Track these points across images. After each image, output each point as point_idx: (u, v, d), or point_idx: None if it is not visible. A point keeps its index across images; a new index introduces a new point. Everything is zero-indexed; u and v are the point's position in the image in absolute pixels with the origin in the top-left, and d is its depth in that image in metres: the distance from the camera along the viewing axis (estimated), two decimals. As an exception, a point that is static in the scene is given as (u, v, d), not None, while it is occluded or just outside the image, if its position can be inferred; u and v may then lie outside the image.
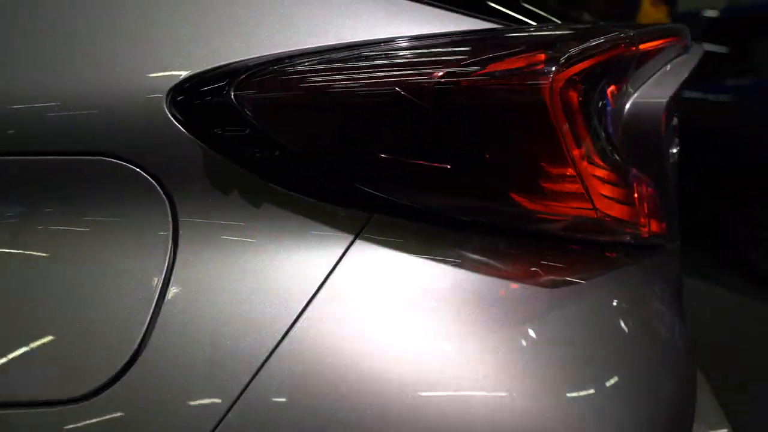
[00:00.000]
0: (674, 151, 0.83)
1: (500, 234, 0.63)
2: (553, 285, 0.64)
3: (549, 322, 0.62)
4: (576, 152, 0.56)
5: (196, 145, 0.54)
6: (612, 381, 0.64)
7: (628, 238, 0.74)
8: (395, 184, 0.56)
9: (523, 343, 0.60)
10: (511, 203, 0.58)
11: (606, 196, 0.63)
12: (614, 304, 0.70)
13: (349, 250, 0.57)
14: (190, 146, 0.54)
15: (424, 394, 0.54)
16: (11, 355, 0.51)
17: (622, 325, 0.70)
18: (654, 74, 0.76)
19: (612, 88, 0.64)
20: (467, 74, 0.52)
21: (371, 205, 0.58)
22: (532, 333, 0.61)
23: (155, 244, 0.54)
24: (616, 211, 0.65)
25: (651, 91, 0.73)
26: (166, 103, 0.53)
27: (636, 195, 0.70)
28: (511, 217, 0.61)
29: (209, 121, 0.53)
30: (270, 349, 0.52)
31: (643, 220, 0.71)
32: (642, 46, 0.66)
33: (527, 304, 0.62)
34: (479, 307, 0.59)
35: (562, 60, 0.52)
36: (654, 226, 0.77)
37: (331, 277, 0.56)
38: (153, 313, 0.52)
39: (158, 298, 0.52)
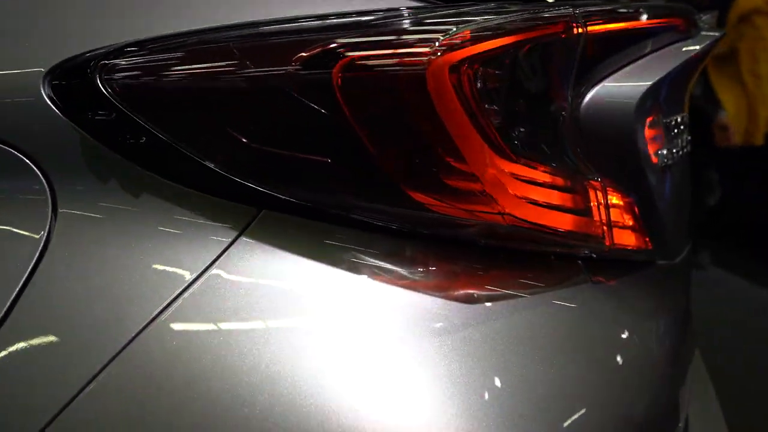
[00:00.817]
0: (666, 152, 0.71)
1: (410, 237, 0.57)
2: (471, 299, 0.57)
3: (459, 340, 0.55)
4: (475, 147, 0.48)
5: (72, 129, 0.52)
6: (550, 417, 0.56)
7: (586, 252, 0.65)
8: (275, 177, 0.52)
9: (427, 361, 0.53)
10: (406, 203, 0.51)
11: (534, 202, 0.55)
12: (554, 325, 0.61)
13: (232, 246, 0.54)
14: (67, 131, 0.53)
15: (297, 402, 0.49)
16: None
17: (568, 349, 0.61)
18: (632, 62, 0.65)
19: (549, 75, 0.55)
20: (342, 58, 0.47)
21: (261, 199, 0.54)
22: (438, 350, 0.54)
23: (30, 228, 0.53)
24: (552, 219, 0.56)
25: (621, 83, 0.63)
26: (44, 86, 0.52)
27: (592, 203, 0.61)
28: (412, 219, 0.54)
29: (82, 105, 0.52)
30: (128, 339, 0.50)
31: (597, 231, 0.61)
32: (593, 29, 0.56)
33: (439, 317, 0.55)
34: (373, 315, 0.53)
35: (446, 41, 0.45)
36: (623, 239, 0.66)
37: (208, 272, 0.52)
38: (14, 298, 0.51)
39: (23, 283, 0.52)
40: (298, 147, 0.50)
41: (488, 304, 0.58)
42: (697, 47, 0.70)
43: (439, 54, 0.45)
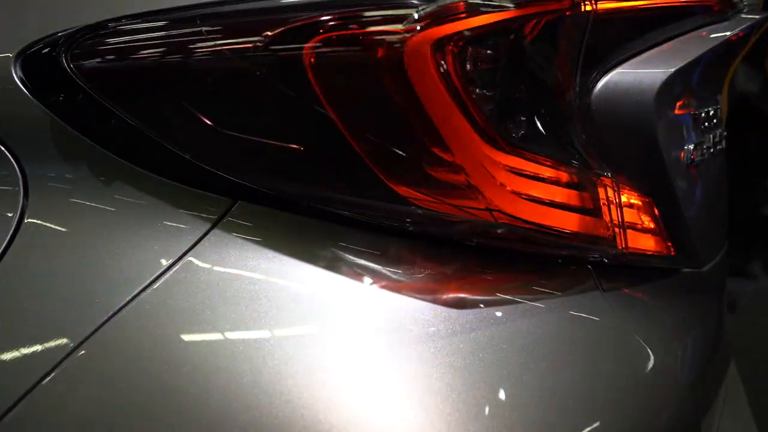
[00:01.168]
0: (693, 148, 0.64)
1: (395, 234, 0.52)
2: (463, 304, 0.52)
3: (448, 348, 0.50)
4: (460, 136, 0.43)
5: (43, 113, 0.51)
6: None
7: (596, 256, 0.59)
8: (247, 167, 0.48)
9: (412, 369, 0.49)
10: (387, 196, 0.47)
11: (532, 198, 0.49)
12: (558, 335, 0.55)
13: (204, 238, 0.51)
14: (37, 114, 0.51)
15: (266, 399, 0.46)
16: None
17: (573, 363, 0.56)
18: (654, 47, 0.58)
19: (551, 58, 0.50)
20: (314, 36, 0.43)
21: (235, 190, 0.51)
22: (426, 357, 0.49)
23: (1, 213, 0.52)
24: (553, 218, 0.51)
25: (640, 70, 0.57)
26: (15, 67, 0.50)
27: (601, 201, 0.55)
28: (395, 214, 0.50)
29: (51, 87, 0.50)
30: (99, 324, 0.48)
31: (607, 232, 0.55)
32: (605, 6, 0.50)
33: (427, 323, 0.51)
34: (350, 316, 0.49)
35: (425, 16, 0.40)
36: (640, 243, 0.60)
37: (180, 262, 0.50)
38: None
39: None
40: (270, 134, 0.47)
41: (484, 310, 0.53)
42: (732, 32, 0.62)
43: (418, 30, 0.40)
